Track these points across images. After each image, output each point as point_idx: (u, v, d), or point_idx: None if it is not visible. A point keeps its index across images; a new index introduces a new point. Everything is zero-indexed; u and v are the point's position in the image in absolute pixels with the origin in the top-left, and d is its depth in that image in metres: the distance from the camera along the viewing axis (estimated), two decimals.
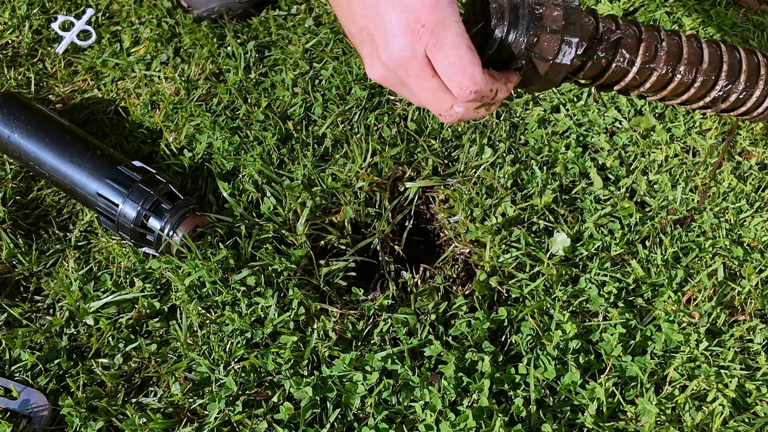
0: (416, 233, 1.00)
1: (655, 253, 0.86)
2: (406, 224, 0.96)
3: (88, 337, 0.86)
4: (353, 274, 0.91)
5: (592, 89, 1.02)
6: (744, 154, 0.96)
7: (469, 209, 0.91)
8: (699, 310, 0.81)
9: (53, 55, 1.15)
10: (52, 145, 0.93)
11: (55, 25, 1.15)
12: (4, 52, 1.16)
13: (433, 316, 0.83)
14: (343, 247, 0.93)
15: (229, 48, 1.11)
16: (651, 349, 0.79)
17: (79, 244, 0.95)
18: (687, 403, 0.76)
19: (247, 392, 0.79)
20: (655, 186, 0.93)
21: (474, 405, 0.76)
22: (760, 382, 0.77)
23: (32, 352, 0.83)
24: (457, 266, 0.90)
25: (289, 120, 1.02)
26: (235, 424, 0.78)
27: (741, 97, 0.65)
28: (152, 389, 0.82)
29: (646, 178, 0.93)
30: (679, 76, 0.63)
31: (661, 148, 0.95)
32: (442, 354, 0.79)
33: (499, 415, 0.73)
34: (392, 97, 1.02)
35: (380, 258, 0.93)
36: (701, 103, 0.66)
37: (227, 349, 0.82)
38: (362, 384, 0.77)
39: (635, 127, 0.98)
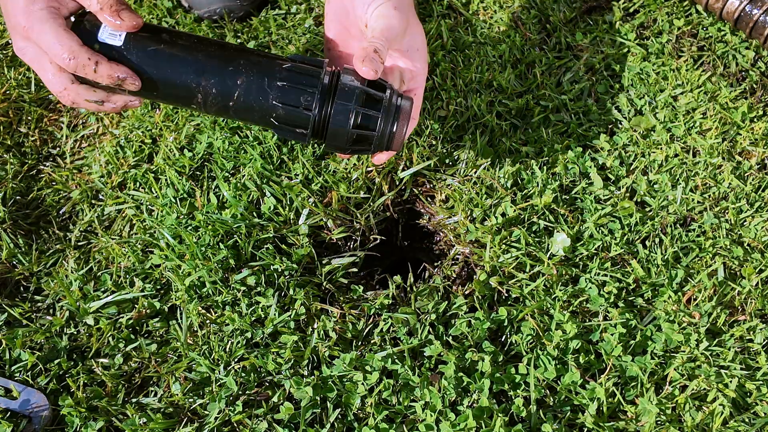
0: (416, 233, 1.00)
1: (655, 253, 0.86)
2: (398, 216, 0.96)
3: (88, 337, 0.86)
4: (355, 270, 0.91)
5: (591, 91, 1.02)
6: (744, 154, 0.96)
7: (469, 209, 0.91)
8: (699, 310, 0.81)
9: None
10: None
11: None
12: (4, 52, 1.16)
13: (433, 316, 0.83)
14: (342, 237, 0.93)
15: None
16: (651, 349, 0.79)
17: (79, 244, 0.95)
18: (687, 403, 0.76)
19: (247, 392, 0.79)
20: (655, 186, 0.93)
21: (474, 405, 0.76)
22: (760, 382, 0.77)
23: (32, 352, 0.83)
24: (457, 266, 0.90)
25: None
26: (235, 424, 0.78)
27: None
28: (152, 389, 0.82)
29: (646, 178, 0.93)
30: None
31: (661, 148, 0.95)
32: (442, 354, 0.79)
33: (500, 415, 0.73)
34: None
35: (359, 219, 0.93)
36: None
37: (227, 349, 0.82)
38: (362, 384, 0.77)
39: (635, 127, 0.98)
